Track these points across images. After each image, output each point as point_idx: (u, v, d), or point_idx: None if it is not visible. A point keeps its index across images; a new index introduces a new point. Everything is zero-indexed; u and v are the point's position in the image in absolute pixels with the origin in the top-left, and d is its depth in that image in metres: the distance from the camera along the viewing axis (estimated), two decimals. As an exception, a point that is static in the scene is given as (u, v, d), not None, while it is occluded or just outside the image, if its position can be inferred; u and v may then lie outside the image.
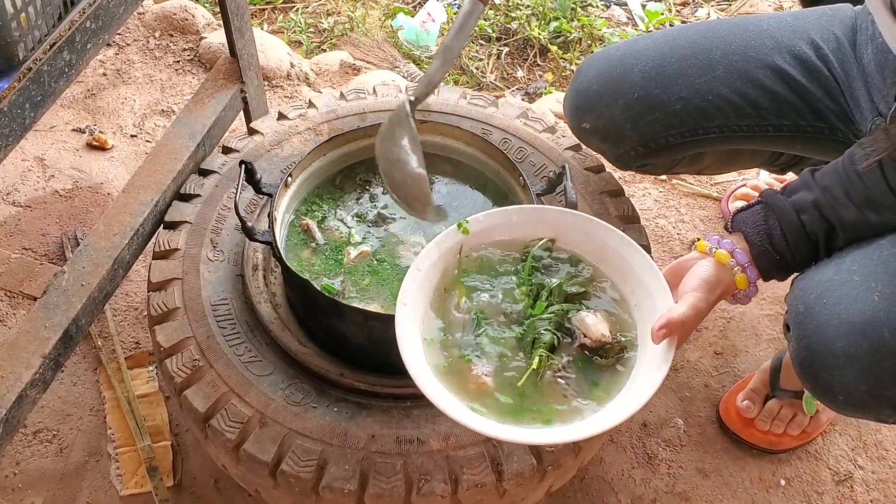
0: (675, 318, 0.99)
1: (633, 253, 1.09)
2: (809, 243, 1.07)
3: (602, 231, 1.12)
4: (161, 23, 2.27)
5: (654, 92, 1.33)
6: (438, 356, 1.04)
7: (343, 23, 2.49)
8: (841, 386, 1.01)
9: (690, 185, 1.93)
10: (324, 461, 1.13)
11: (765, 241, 1.07)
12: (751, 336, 1.65)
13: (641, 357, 1.03)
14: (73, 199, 1.85)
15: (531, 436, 0.98)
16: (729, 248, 1.07)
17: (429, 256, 1.09)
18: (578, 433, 0.96)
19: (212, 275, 1.33)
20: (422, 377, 0.97)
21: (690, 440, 1.51)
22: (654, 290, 1.05)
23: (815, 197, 1.05)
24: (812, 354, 1.03)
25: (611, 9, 2.69)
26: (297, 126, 1.54)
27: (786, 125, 1.34)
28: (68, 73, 1.08)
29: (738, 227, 1.10)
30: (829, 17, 1.36)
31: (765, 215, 1.08)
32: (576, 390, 1.01)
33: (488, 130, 1.54)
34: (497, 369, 1.03)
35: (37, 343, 1.24)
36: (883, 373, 0.98)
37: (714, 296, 1.05)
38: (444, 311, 1.08)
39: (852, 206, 1.04)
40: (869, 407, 1.03)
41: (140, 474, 1.41)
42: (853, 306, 1.00)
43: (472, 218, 1.12)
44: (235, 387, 1.20)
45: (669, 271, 1.08)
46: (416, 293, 1.06)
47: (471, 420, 0.96)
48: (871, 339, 0.98)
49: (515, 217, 1.14)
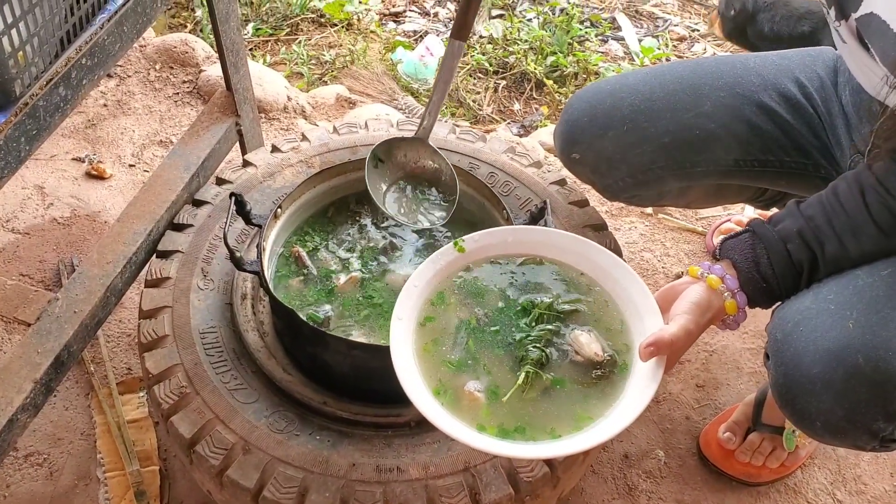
0: (665, 338, 1.00)
1: (624, 274, 1.11)
2: (795, 273, 1.09)
3: (594, 252, 1.14)
4: (162, 55, 2.32)
5: (642, 125, 1.36)
6: (431, 371, 1.05)
7: (344, 56, 2.55)
8: (818, 412, 1.04)
9: (676, 219, 1.97)
10: (305, 488, 1.16)
11: (752, 268, 1.09)
12: (732, 369, 1.68)
13: (630, 378, 1.03)
14: (70, 226, 1.88)
15: (505, 449, 0.97)
16: (720, 273, 1.09)
17: (425, 273, 1.12)
18: (559, 450, 0.98)
19: (201, 303, 1.36)
20: (415, 393, 0.99)
21: (671, 472, 1.53)
22: (645, 311, 1.06)
23: (799, 226, 1.08)
24: (789, 381, 1.06)
25: (608, 44, 2.74)
26: (290, 158, 1.58)
27: (771, 161, 1.38)
28: (63, 108, 1.12)
29: (726, 255, 1.12)
30: (813, 58, 1.40)
31: (752, 244, 1.10)
32: (561, 409, 1.02)
33: (476, 165, 1.58)
34: (489, 385, 1.04)
35: (28, 368, 1.27)
36: (858, 398, 1.01)
37: (705, 319, 1.06)
38: (438, 327, 1.09)
39: (834, 237, 1.06)
40: (846, 433, 1.05)
41: (128, 498, 1.43)
42: (829, 333, 1.02)
43: (469, 237, 1.15)
44: (221, 414, 1.23)
45: (660, 295, 1.09)
46: (411, 309, 1.08)
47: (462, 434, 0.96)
48: (846, 366, 1.00)
49: (511, 237, 1.17)
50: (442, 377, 1.04)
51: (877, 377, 0.99)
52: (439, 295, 1.12)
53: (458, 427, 0.98)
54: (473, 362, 1.06)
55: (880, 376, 0.99)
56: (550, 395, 1.03)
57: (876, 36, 1.06)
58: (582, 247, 1.15)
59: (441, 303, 1.12)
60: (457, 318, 1.11)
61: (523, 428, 1.00)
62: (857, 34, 1.11)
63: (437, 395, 1.01)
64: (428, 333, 1.08)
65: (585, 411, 1.01)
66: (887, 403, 1.00)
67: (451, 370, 1.05)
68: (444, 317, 1.11)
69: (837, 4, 1.12)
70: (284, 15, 2.70)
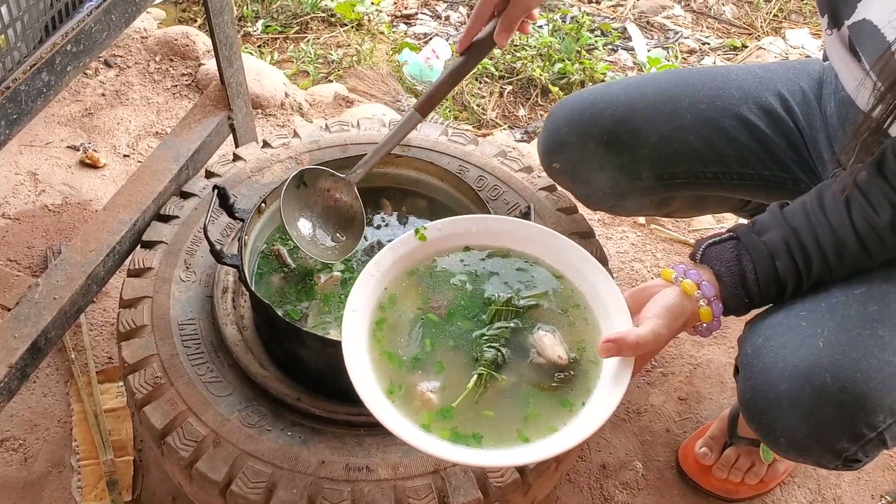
0: (629, 339, 0.95)
1: (592, 270, 1.06)
2: (779, 289, 1.06)
3: (562, 245, 1.09)
4: (163, 47, 2.33)
5: (622, 137, 1.36)
6: (383, 367, 0.99)
7: (351, 55, 2.55)
8: (783, 429, 1.03)
9: (668, 230, 1.96)
10: (273, 484, 1.15)
11: (737, 281, 1.05)
12: (716, 383, 1.66)
13: (595, 383, 0.98)
14: (61, 214, 1.89)
15: (455, 454, 0.92)
16: (696, 279, 1.04)
17: (382, 262, 1.06)
18: (508, 459, 0.93)
19: (182, 294, 1.36)
20: (363, 389, 0.93)
21: (648, 484, 1.52)
22: (614, 312, 1.01)
23: (786, 239, 1.04)
24: (757, 396, 1.05)
25: (617, 53, 2.74)
26: (280, 154, 1.58)
27: (749, 174, 1.37)
28: (46, 94, 1.12)
29: (708, 262, 1.07)
30: (797, 71, 1.39)
31: (738, 254, 1.06)
32: (518, 414, 0.96)
33: (465, 168, 1.57)
34: (442, 385, 0.98)
35: (4, 352, 1.26)
36: (824, 418, 1.00)
37: (677, 325, 1.02)
38: (393, 321, 1.04)
39: (819, 255, 1.03)
40: (810, 451, 1.04)
41: (100, 487, 1.43)
42: (798, 351, 1.02)
43: (431, 225, 1.09)
44: (194, 406, 1.22)
45: (630, 296, 1.04)
46: (366, 300, 1.02)
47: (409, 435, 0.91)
48: (813, 384, 0.99)
49: (475, 227, 1.11)
50: (394, 374, 0.99)
51: (843, 397, 0.98)
52: (396, 285, 1.06)
53: (402, 423, 0.93)
54: (429, 360, 1.01)
55: (847, 397, 0.98)
56: (507, 398, 0.97)
57: (867, 42, 1.05)
58: (551, 240, 1.09)
59: (398, 294, 1.06)
60: (413, 312, 1.05)
61: (479, 435, 0.94)
62: (849, 43, 1.10)
63: (388, 394, 0.97)
64: (382, 326, 1.03)
65: (546, 418, 0.96)
66: (853, 424, 0.99)
67: (404, 367, 1.00)
68: (400, 309, 1.05)
69: (831, 11, 1.12)
70: (295, 13, 2.70)
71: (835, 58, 1.17)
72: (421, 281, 1.09)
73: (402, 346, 1.02)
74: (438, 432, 0.94)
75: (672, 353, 1.72)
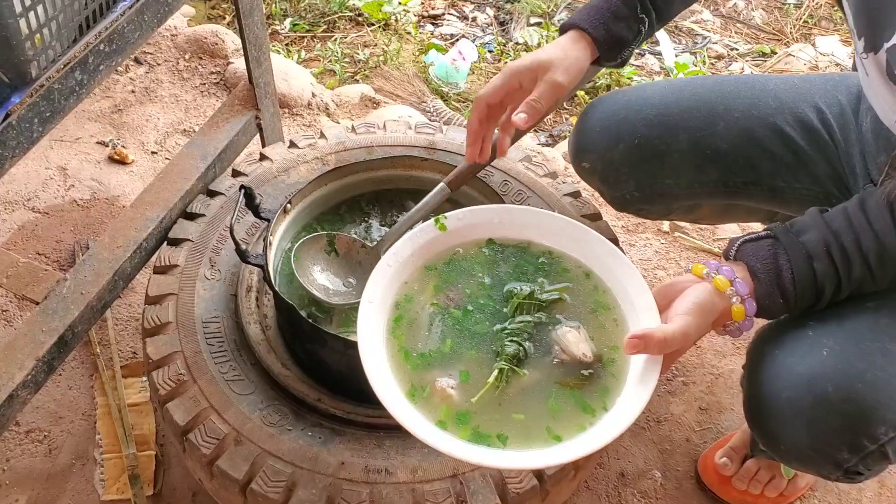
0: (657, 335, 0.91)
1: (621, 265, 1.02)
2: (815, 293, 1.02)
3: (590, 239, 1.05)
4: (192, 45, 2.35)
5: (654, 141, 1.35)
6: (400, 361, 0.97)
7: (378, 55, 2.56)
8: (784, 436, 1.03)
9: (693, 238, 1.95)
10: (293, 483, 1.16)
11: (773, 280, 1.00)
12: (737, 394, 1.65)
13: (621, 382, 0.94)
14: (89, 209, 1.91)
15: (480, 456, 0.89)
16: (729, 275, 0.99)
17: (401, 252, 1.03)
18: (530, 462, 0.91)
19: (207, 292, 1.37)
20: (379, 385, 0.91)
21: (667, 494, 1.51)
22: (641, 308, 0.97)
23: (826, 242, 1.00)
24: (760, 403, 1.05)
25: (644, 57, 2.73)
26: (306, 155, 1.59)
27: (781, 186, 1.35)
28: (79, 92, 1.13)
29: (743, 259, 1.02)
30: (836, 84, 1.37)
31: (774, 252, 1.01)
32: (541, 413, 0.93)
33: (490, 172, 1.57)
34: (462, 381, 0.96)
35: (32, 346, 1.28)
36: (826, 428, 0.99)
37: (707, 322, 0.97)
38: (412, 317, 1.01)
39: (861, 261, 0.99)
40: (811, 460, 1.04)
41: (122, 481, 1.45)
42: (803, 360, 1.01)
43: (452, 214, 1.06)
44: (216, 403, 1.23)
45: (659, 292, 1.00)
46: (384, 291, 0.99)
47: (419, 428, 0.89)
48: (815, 394, 0.99)
49: (498, 217, 1.07)
50: (413, 374, 0.96)
51: (846, 408, 0.97)
52: (415, 277, 1.03)
53: (418, 420, 0.90)
54: (448, 354, 0.97)
55: (850, 407, 0.97)
56: (529, 394, 0.94)
57: None
58: (577, 232, 1.05)
59: (417, 286, 1.02)
60: (432, 305, 1.02)
61: (504, 435, 0.91)
62: (887, 66, 1.07)
63: (410, 397, 0.94)
64: (401, 322, 1.00)
65: (572, 417, 0.92)
66: (853, 435, 0.99)
67: (423, 364, 0.97)
68: (419, 302, 1.01)
69: (869, 34, 1.07)
70: (323, 12, 2.72)
71: (868, 84, 1.13)
72: (440, 274, 1.05)
73: (422, 342, 0.99)
74: (458, 432, 0.91)
75: (693, 362, 1.71)
